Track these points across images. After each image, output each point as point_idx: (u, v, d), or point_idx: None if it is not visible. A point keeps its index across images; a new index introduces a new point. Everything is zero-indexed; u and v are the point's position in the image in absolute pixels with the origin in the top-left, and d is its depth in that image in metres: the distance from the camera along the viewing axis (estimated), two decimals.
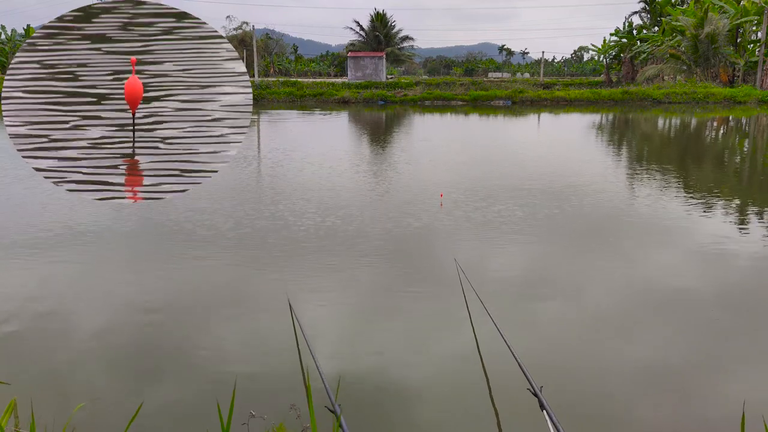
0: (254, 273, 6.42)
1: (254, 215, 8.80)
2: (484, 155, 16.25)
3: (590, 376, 4.27)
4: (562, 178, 11.82)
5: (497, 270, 6.51)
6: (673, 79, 45.11)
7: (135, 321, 5.15)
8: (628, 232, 8.11)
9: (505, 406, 3.83)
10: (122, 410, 3.75)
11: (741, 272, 6.52)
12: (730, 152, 17.43)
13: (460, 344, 4.68)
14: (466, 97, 40.84)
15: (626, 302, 5.60)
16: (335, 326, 5.09)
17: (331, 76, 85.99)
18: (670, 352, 4.62)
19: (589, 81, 57.59)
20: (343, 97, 41.54)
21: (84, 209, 8.96)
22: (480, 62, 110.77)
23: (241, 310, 5.41)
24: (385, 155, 16.05)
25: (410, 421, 3.72)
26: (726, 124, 27.07)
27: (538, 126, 27.62)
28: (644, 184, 11.54)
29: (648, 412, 3.79)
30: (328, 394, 2.94)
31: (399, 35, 63.77)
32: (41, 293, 5.78)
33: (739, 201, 10.17)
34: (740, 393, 4.01)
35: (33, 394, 3.61)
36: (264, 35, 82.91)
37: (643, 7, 53.69)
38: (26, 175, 11.44)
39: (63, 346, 4.67)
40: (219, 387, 4.02)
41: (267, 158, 14.99)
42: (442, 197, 9.76)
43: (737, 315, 5.35)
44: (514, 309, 5.43)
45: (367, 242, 7.44)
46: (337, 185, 11.20)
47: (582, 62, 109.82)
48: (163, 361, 4.47)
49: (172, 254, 7.03)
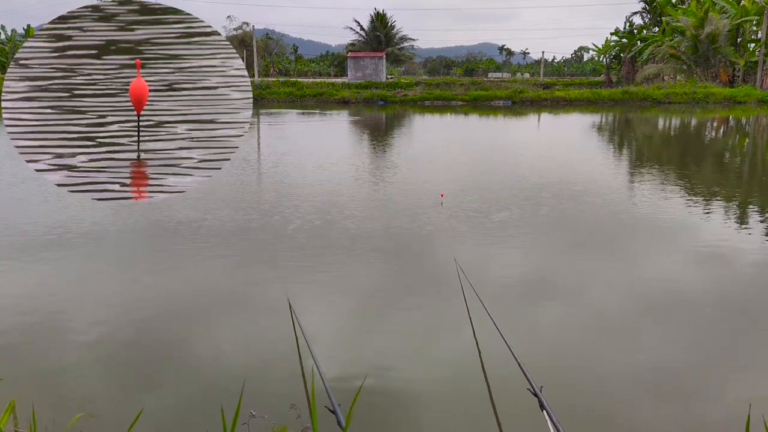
0: (254, 273, 6.41)
1: (254, 215, 8.79)
2: (484, 155, 16.25)
3: (590, 377, 4.27)
4: (563, 179, 11.82)
5: (497, 270, 6.50)
6: (673, 79, 45.13)
7: (135, 321, 5.14)
8: (629, 232, 8.10)
9: (505, 406, 3.83)
10: (122, 411, 3.74)
11: (742, 273, 6.51)
12: (731, 152, 17.42)
13: (460, 344, 4.67)
14: (466, 98, 40.85)
15: (627, 302, 5.60)
16: (335, 327, 5.09)
17: (331, 76, 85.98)
18: (670, 352, 4.62)
19: (589, 81, 57.60)
20: (343, 97, 41.55)
21: (84, 209, 8.95)
22: (480, 62, 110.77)
23: (240, 311, 5.40)
24: (385, 155, 16.04)
25: (410, 421, 3.71)
26: (726, 124, 27.07)
27: (538, 126, 27.62)
28: (644, 185, 11.54)
29: (648, 413, 3.79)
30: (328, 394, 2.94)
31: (399, 35, 63.79)
32: (39, 295, 5.78)
33: (741, 202, 10.16)
34: (743, 394, 4.01)
35: (32, 397, 3.61)
36: (264, 35, 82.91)
37: (643, 7, 53.71)
38: (26, 177, 11.44)
39: (62, 347, 4.67)
40: (219, 387, 4.01)
41: (266, 158, 14.98)
42: (442, 197, 9.75)
43: (738, 316, 5.34)
44: (514, 309, 5.42)
45: (367, 242, 7.43)
46: (336, 185, 11.19)
47: (582, 62, 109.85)
48: (162, 361, 4.46)
49: (171, 255, 7.03)
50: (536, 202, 9.62)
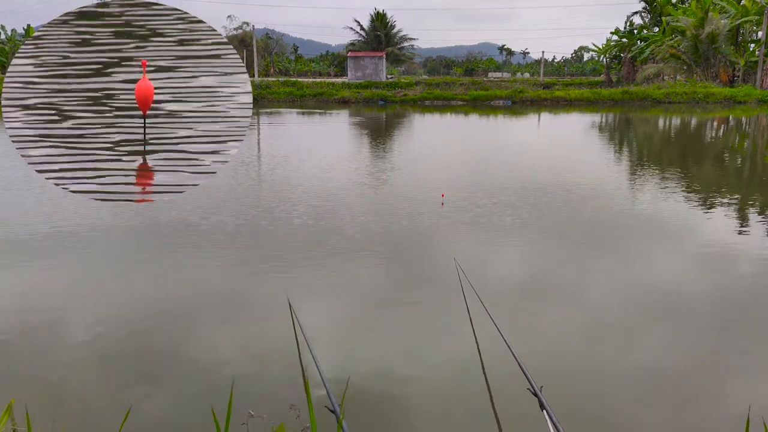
0: (254, 273, 6.40)
1: (253, 216, 8.79)
2: (484, 155, 16.24)
3: (591, 377, 4.26)
4: (563, 179, 11.81)
5: (497, 270, 6.50)
6: (673, 79, 45.13)
7: (135, 321, 5.14)
8: (629, 232, 8.10)
9: (505, 406, 3.83)
10: (123, 411, 3.74)
11: (743, 274, 6.51)
12: (731, 152, 17.42)
13: (460, 344, 4.67)
14: (466, 97, 40.86)
15: (627, 302, 5.59)
16: (335, 327, 5.08)
17: (331, 76, 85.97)
18: (671, 353, 4.61)
19: (589, 81, 57.58)
20: (343, 97, 41.55)
21: (83, 209, 8.95)
22: (480, 62, 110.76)
23: (240, 310, 5.40)
24: (385, 155, 16.04)
25: (410, 421, 3.71)
26: (726, 124, 27.06)
27: (538, 126, 27.62)
28: (645, 185, 11.53)
29: (648, 413, 3.79)
30: (328, 394, 2.93)
31: (399, 35, 63.79)
32: (38, 295, 5.77)
33: (742, 202, 10.16)
34: (743, 395, 4.01)
35: (28, 397, 3.60)
36: (264, 35, 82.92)
37: (643, 7, 53.70)
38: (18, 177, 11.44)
39: (61, 348, 4.66)
40: (218, 388, 4.01)
41: (266, 159, 14.98)
42: (443, 197, 9.75)
43: (739, 317, 5.34)
44: (514, 309, 5.42)
45: (367, 242, 7.43)
46: (336, 186, 11.19)
47: (582, 62, 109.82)
48: (160, 361, 4.46)
49: (170, 255, 7.02)
50: (537, 203, 9.61)
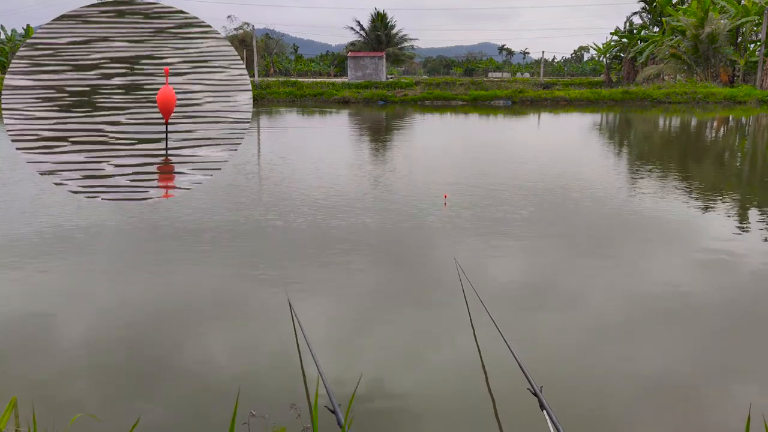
0: (253, 274, 6.40)
1: (253, 216, 8.79)
2: (484, 155, 16.24)
3: (591, 377, 4.26)
4: (563, 179, 11.81)
5: (498, 270, 6.50)
6: (673, 79, 45.13)
7: (134, 321, 5.14)
8: (630, 233, 8.10)
9: (505, 406, 3.83)
10: (122, 411, 3.74)
11: (744, 275, 6.50)
12: (732, 152, 17.42)
13: (461, 344, 4.67)
14: (466, 97, 40.86)
15: (628, 304, 5.59)
16: (335, 327, 5.08)
17: (331, 76, 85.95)
18: (671, 353, 4.61)
19: (589, 81, 57.59)
20: (343, 97, 41.56)
21: (83, 209, 8.95)
22: (480, 62, 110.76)
23: (240, 312, 5.40)
24: (385, 155, 16.04)
25: (410, 421, 3.71)
26: (726, 124, 27.06)
27: (539, 126, 27.62)
28: (645, 186, 11.53)
29: (649, 413, 3.79)
30: (328, 394, 2.94)
31: (399, 35, 63.79)
32: (36, 296, 5.78)
33: (742, 203, 10.16)
34: (744, 397, 4.00)
35: (31, 398, 3.60)
36: (264, 35, 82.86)
37: (643, 7, 53.69)
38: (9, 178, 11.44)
39: (61, 348, 4.67)
40: (218, 388, 4.01)
41: (265, 159, 14.98)
42: (445, 198, 9.75)
43: (739, 318, 5.34)
44: (514, 309, 5.42)
45: (368, 242, 7.43)
46: (336, 186, 11.19)
47: (582, 62, 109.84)
48: (162, 362, 4.46)
49: (170, 256, 7.02)
50: (537, 203, 9.61)
